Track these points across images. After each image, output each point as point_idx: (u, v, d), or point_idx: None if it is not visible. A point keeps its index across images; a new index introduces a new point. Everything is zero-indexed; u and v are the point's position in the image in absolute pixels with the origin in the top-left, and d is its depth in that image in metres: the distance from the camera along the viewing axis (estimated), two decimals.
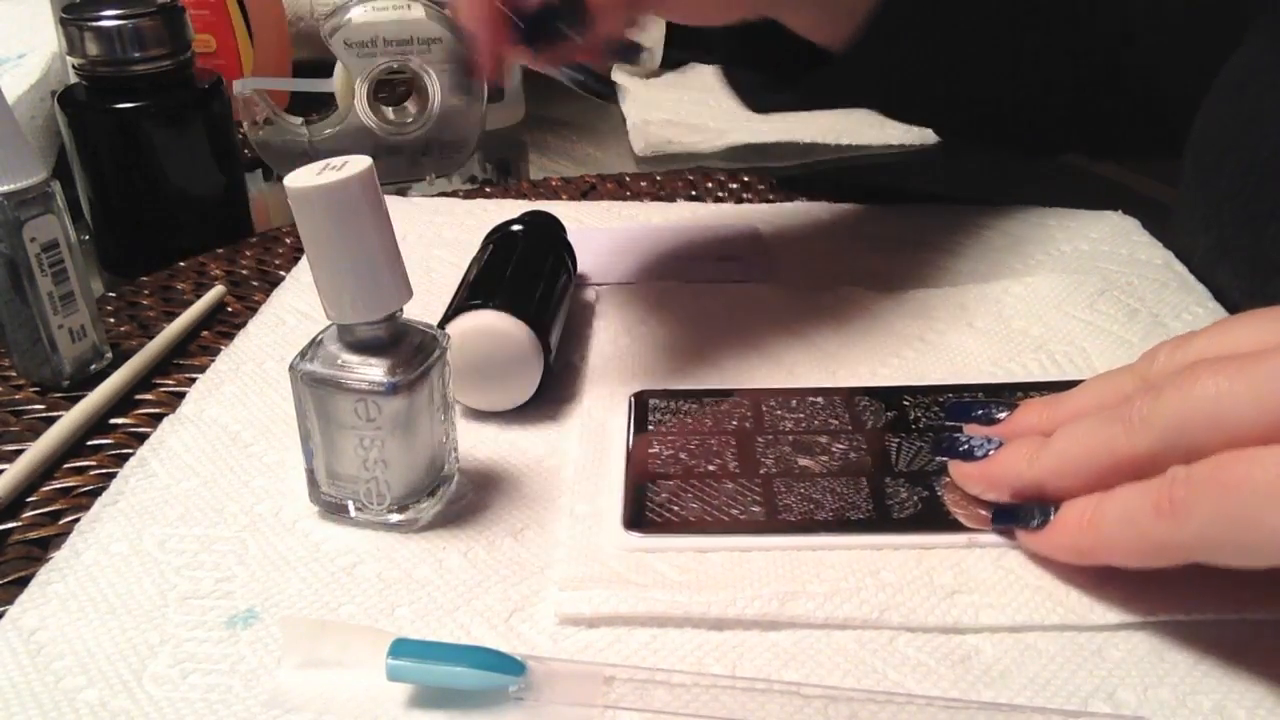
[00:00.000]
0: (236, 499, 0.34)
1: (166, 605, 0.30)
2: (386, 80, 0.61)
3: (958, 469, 0.33)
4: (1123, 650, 0.28)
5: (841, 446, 0.36)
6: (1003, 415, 0.34)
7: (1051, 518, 0.30)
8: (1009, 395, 0.38)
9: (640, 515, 0.32)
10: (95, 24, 0.49)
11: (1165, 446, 0.27)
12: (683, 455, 0.35)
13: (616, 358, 0.42)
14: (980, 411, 0.35)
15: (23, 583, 0.31)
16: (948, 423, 0.36)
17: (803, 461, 0.35)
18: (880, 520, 0.32)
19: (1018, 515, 0.31)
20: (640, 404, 0.38)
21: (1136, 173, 0.64)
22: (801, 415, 0.37)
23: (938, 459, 0.34)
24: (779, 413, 0.38)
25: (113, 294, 0.49)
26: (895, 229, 0.53)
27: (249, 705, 0.27)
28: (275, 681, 0.27)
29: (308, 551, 0.32)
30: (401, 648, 0.27)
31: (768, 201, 0.58)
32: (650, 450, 0.35)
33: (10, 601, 0.30)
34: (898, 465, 0.35)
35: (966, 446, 0.33)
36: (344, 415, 0.31)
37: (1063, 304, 0.44)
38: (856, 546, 0.32)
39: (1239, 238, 0.42)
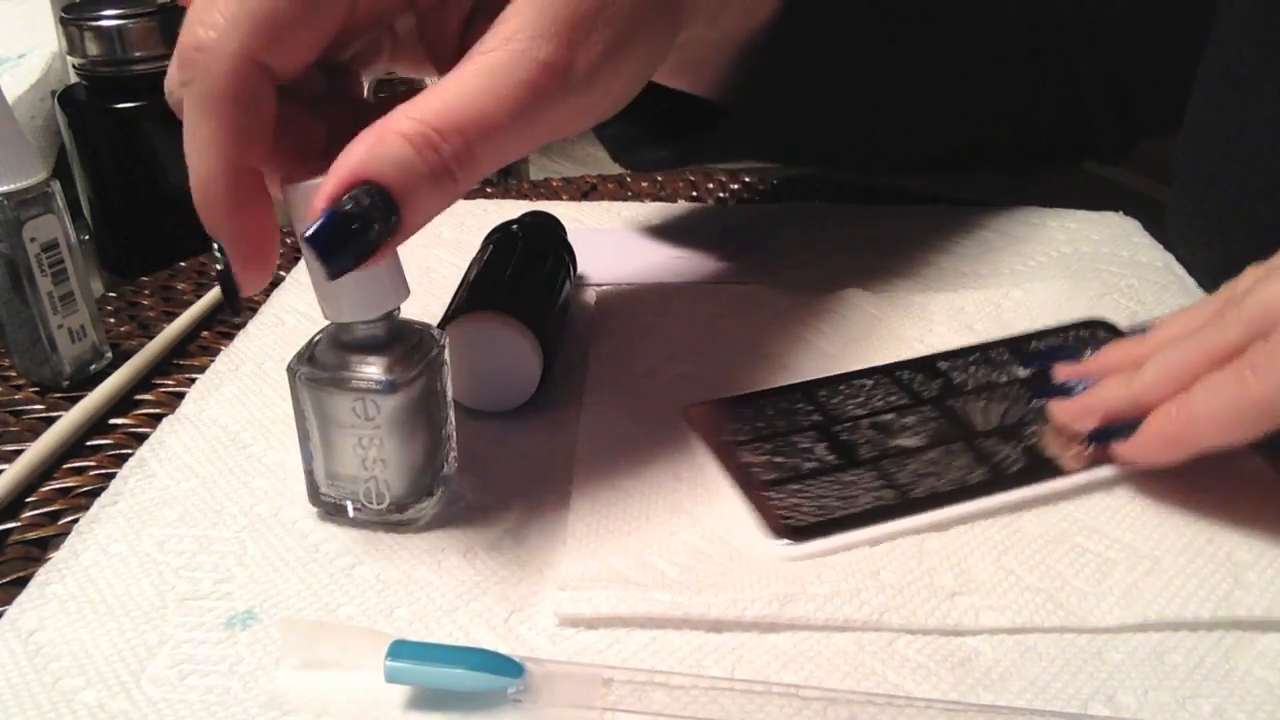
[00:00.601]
0: (236, 500, 0.34)
1: (165, 606, 0.30)
2: (386, 80, 0.61)
3: (1058, 406, 0.35)
4: (1123, 653, 0.28)
5: (913, 419, 0.36)
6: (1088, 354, 0.37)
7: (1144, 423, 0.32)
8: (1026, 345, 0.40)
9: (782, 524, 0.32)
10: (95, 24, 0.49)
11: (1252, 333, 0.29)
12: (777, 459, 0.35)
13: (616, 358, 0.42)
14: (1067, 352, 0.38)
15: (21, 583, 0.31)
16: (1032, 367, 0.38)
17: (894, 441, 0.35)
18: (998, 479, 0.33)
19: (1111, 431, 0.33)
20: (702, 417, 0.37)
21: (1137, 173, 0.64)
22: (861, 398, 0.38)
23: (1035, 401, 0.36)
24: (836, 400, 0.38)
25: (113, 294, 0.49)
26: (895, 229, 0.53)
27: (247, 707, 0.27)
28: (274, 683, 0.27)
29: (307, 552, 0.32)
30: (400, 649, 0.27)
31: (768, 201, 0.58)
32: (743, 460, 0.35)
33: (9, 602, 0.30)
34: (979, 425, 0.36)
35: (1064, 386, 0.35)
36: (343, 415, 0.31)
37: (1062, 309, 0.44)
38: (1000, 509, 0.33)
39: (1247, 254, 0.42)
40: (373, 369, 0.31)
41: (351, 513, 0.33)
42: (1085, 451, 0.34)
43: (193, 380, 0.41)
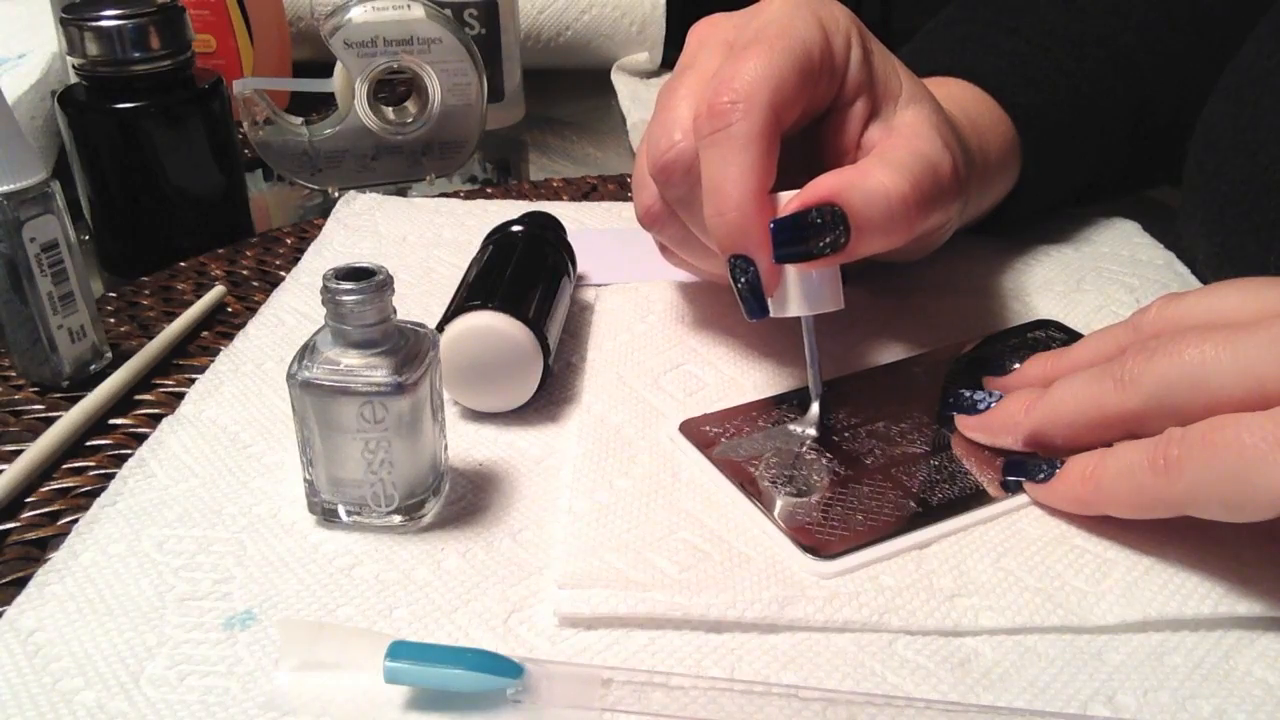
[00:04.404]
0: (235, 500, 0.34)
1: (164, 606, 0.30)
2: (386, 80, 0.61)
3: (962, 422, 0.36)
4: (1122, 654, 0.28)
5: (906, 425, 0.37)
6: (1016, 366, 0.38)
7: (1057, 472, 0.32)
8: (1004, 340, 0.42)
9: (813, 540, 0.32)
10: (95, 24, 0.49)
11: (1152, 405, 0.30)
12: (787, 473, 0.35)
13: (616, 358, 0.42)
14: (996, 364, 0.39)
15: (21, 583, 0.31)
16: (970, 375, 0.39)
17: (898, 449, 0.35)
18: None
19: (1026, 468, 0.34)
20: (700, 436, 0.36)
21: None
22: (851, 405, 0.38)
23: (945, 413, 0.37)
24: (828, 407, 0.37)
25: (113, 294, 0.49)
26: None
27: (246, 708, 0.27)
28: (273, 683, 0.27)
29: (306, 553, 0.32)
30: (399, 650, 0.27)
31: None
32: (754, 474, 0.34)
33: (8, 602, 0.30)
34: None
35: (970, 401, 0.36)
36: (348, 420, 0.31)
37: (1064, 314, 0.44)
38: (1021, 507, 0.33)
39: (1246, 247, 0.42)
40: (379, 371, 0.30)
41: (347, 518, 0.33)
42: (998, 466, 0.34)
43: (193, 380, 0.41)
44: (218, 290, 0.48)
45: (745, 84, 0.34)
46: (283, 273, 0.51)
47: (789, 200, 0.35)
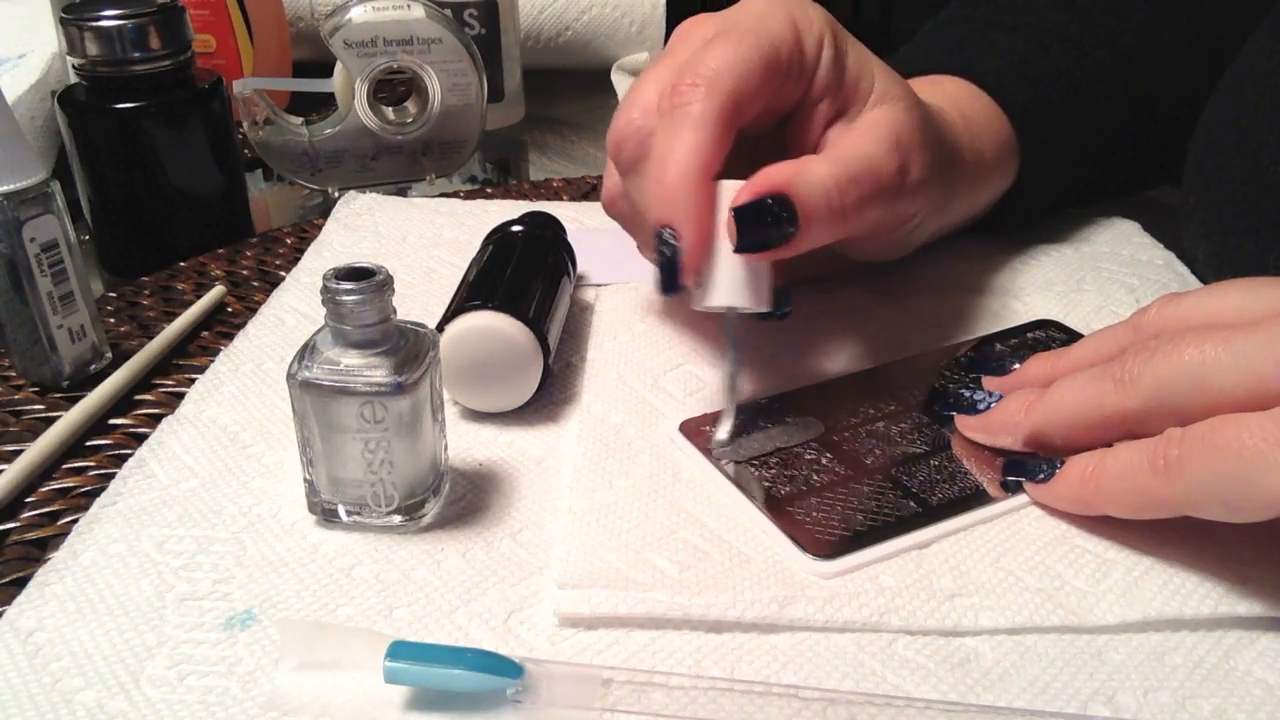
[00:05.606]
0: (235, 500, 0.34)
1: (164, 606, 0.30)
2: (386, 80, 0.61)
3: (962, 422, 0.36)
4: (1123, 654, 0.28)
5: (906, 425, 0.37)
6: (1015, 367, 0.38)
7: (1057, 472, 0.32)
8: (1004, 340, 0.42)
9: (813, 540, 0.32)
10: (95, 24, 0.49)
11: (1152, 405, 0.30)
12: (787, 473, 0.34)
13: (616, 358, 0.42)
14: (996, 364, 0.39)
15: (21, 583, 0.31)
16: (970, 375, 0.39)
17: (898, 449, 0.35)
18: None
19: (1026, 468, 0.33)
20: (700, 436, 0.36)
21: None
22: (851, 405, 0.38)
23: (944, 413, 0.37)
24: (828, 407, 0.37)
25: (113, 294, 0.49)
26: None
27: (246, 707, 0.27)
28: (273, 683, 0.27)
29: (306, 553, 0.32)
30: (399, 650, 0.27)
31: None
32: (754, 474, 0.34)
33: (8, 602, 0.30)
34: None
35: (970, 401, 0.36)
36: (347, 420, 0.31)
37: (1064, 314, 0.44)
38: (1020, 506, 0.33)
39: (1245, 247, 0.42)
40: (379, 371, 0.30)
41: (347, 518, 0.33)
42: (998, 466, 0.34)
43: (193, 380, 0.41)
44: (218, 290, 0.48)
45: (709, 70, 0.35)
46: (283, 273, 0.51)
47: (741, 189, 0.35)
